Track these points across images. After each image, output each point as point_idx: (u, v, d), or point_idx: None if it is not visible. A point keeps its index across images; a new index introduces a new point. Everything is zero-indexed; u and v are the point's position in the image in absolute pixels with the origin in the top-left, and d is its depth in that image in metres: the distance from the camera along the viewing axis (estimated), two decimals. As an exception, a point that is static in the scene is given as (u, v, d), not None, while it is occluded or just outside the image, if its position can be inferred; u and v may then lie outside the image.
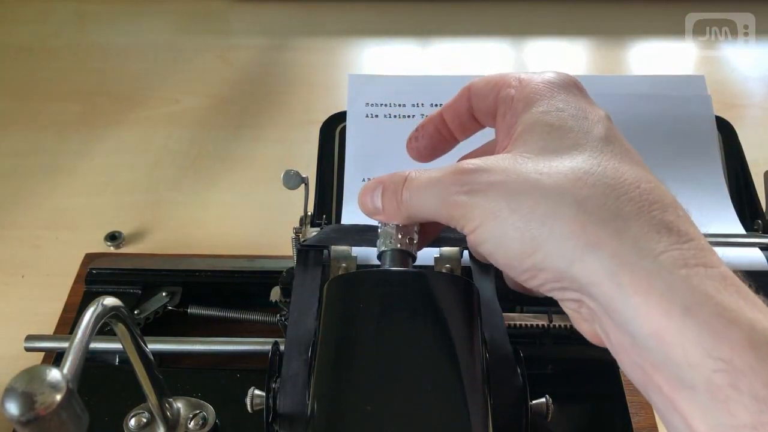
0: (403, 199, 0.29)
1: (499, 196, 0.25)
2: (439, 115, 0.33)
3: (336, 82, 0.80)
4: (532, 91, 0.29)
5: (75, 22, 0.91)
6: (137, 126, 0.74)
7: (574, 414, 0.42)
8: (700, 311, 0.21)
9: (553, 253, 0.24)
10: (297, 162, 0.66)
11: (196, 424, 0.40)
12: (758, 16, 0.86)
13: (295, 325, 0.34)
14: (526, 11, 0.92)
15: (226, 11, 0.94)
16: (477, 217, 0.26)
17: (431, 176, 0.28)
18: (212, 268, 0.51)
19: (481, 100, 0.31)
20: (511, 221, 0.25)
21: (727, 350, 0.20)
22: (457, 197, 0.26)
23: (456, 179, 0.26)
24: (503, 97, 0.30)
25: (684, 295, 0.21)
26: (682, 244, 0.23)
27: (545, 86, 0.29)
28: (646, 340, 0.22)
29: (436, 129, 0.33)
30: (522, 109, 0.28)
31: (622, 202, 0.24)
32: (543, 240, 0.24)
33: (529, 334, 0.41)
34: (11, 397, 0.22)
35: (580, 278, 0.23)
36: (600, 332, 0.25)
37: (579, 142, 0.26)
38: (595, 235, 0.23)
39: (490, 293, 0.36)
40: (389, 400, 0.26)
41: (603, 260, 0.23)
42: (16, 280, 0.57)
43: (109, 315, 0.29)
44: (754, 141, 0.61)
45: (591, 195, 0.24)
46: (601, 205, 0.24)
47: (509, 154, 0.27)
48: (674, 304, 0.21)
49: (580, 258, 0.23)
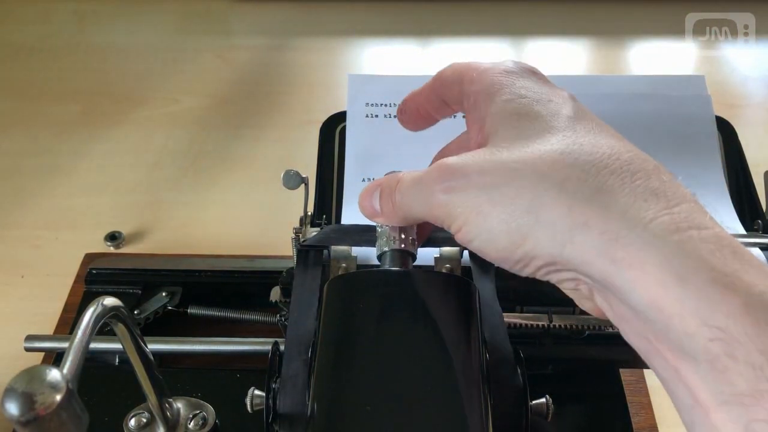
0: (396, 201, 0.29)
1: (479, 191, 0.25)
2: (419, 95, 0.33)
3: (336, 82, 0.80)
4: (492, 82, 0.28)
5: (75, 22, 0.91)
6: (137, 126, 0.74)
7: (574, 414, 0.42)
8: (696, 278, 0.21)
9: (543, 240, 0.24)
10: (297, 162, 0.66)
11: (196, 424, 0.40)
12: (758, 16, 0.86)
13: (295, 325, 0.34)
14: (526, 11, 0.92)
15: (226, 11, 0.94)
16: (460, 216, 0.25)
17: (414, 177, 0.28)
18: (212, 268, 0.51)
19: (448, 90, 0.31)
20: (494, 215, 0.24)
21: (723, 318, 0.20)
22: (439, 197, 0.26)
23: (436, 178, 0.26)
24: (466, 91, 0.30)
25: (678, 263, 0.21)
26: (672, 208, 0.22)
27: (503, 76, 0.29)
28: (647, 312, 0.22)
29: (416, 108, 0.34)
30: (484, 101, 0.28)
31: (604, 176, 0.23)
32: (530, 228, 0.24)
33: (529, 334, 0.41)
34: (11, 397, 0.22)
35: (573, 260, 0.23)
36: (603, 306, 0.25)
37: (549, 125, 0.26)
38: (582, 214, 0.23)
39: (490, 293, 0.36)
40: (389, 400, 0.26)
41: (593, 238, 0.22)
42: (16, 280, 0.57)
43: (109, 315, 0.29)
44: (754, 141, 0.61)
45: (571, 175, 0.24)
46: (583, 182, 0.23)
47: (484, 148, 0.27)
48: (669, 274, 0.21)
49: (570, 240, 0.23)
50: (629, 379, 0.44)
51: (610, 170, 0.24)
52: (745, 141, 0.48)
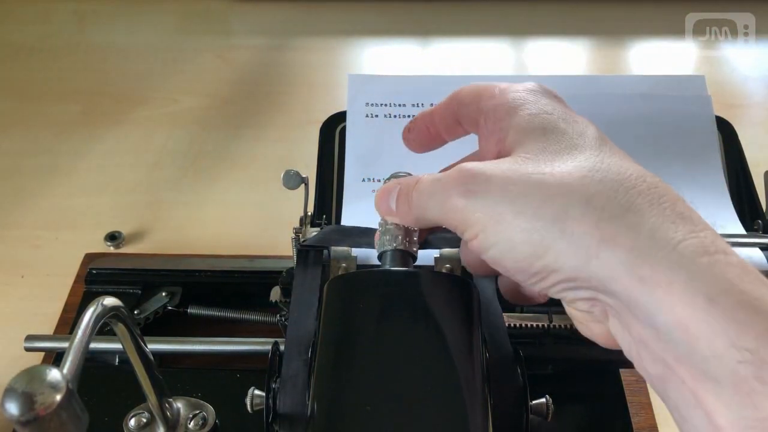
0: (412, 201, 0.29)
1: (501, 199, 0.25)
2: (430, 115, 0.33)
3: (336, 82, 0.80)
4: (515, 98, 0.28)
5: (75, 22, 0.91)
6: (137, 126, 0.74)
7: (574, 414, 0.42)
8: (725, 300, 0.21)
9: (566, 253, 0.23)
10: (297, 162, 0.66)
11: (196, 424, 0.40)
12: (758, 16, 0.86)
13: (295, 325, 0.34)
14: (526, 11, 0.92)
15: (226, 11, 0.94)
16: (478, 223, 0.25)
17: (434, 178, 0.28)
18: (212, 268, 0.51)
19: (465, 108, 0.31)
20: (516, 224, 0.24)
21: (752, 340, 0.20)
22: (456, 200, 0.26)
23: (455, 180, 0.26)
24: (484, 107, 0.29)
25: (707, 284, 0.21)
26: (698, 232, 0.22)
27: (526, 93, 0.29)
28: (671, 333, 0.21)
29: (426, 127, 0.33)
30: (504, 115, 0.28)
31: (632, 196, 0.23)
32: (553, 240, 0.23)
33: (529, 334, 0.41)
34: (11, 397, 0.22)
35: (597, 275, 0.23)
36: (616, 330, 0.25)
37: (576, 143, 0.26)
38: (610, 231, 0.23)
39: (490, 293, 0.36)
40: (389, 400, 0.26)
41: (621, 255, 0.22)
42: (16, 280, 0.57)
43: (109, 315, 0.29)
44: (754, 141, 0.61)
45: (599, 191, 0.24)
46: (611, 200, 0.23)
47: (508, 158, 0.26)
48: (698, 294, 0.21)
49: (596, 255, 0.23)
50: (629, 379, 0.44)
51: (638, 191, 0.24)
52: (745, 141, 0.48)
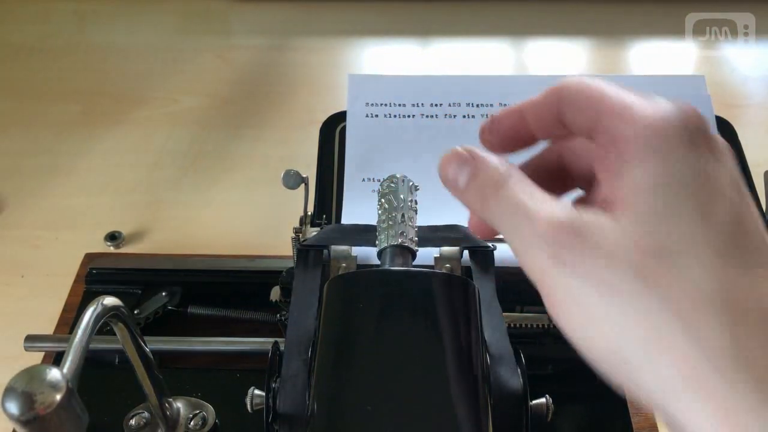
0: (488, 206, 0.24)
1: (592, 285, 0.21)
2: (519, 112, 0.27)
3: (336, 82, 0.80)
4: (647, 138, 0.22)
5: (75, 22, 0.91)
6: (137, 126, 0.74)
7: (574, 414, 0.42)
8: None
9: (646, 380, 0.21)
10: (297, 162, 0.66)
11: (196, 424, 0.40)
12: (758, 16, 0.86)
13: (295, 325, 0.34)
14: (526, 11, 0.92)
15: (226, 11, 0.94)
16: (557, 294, 0.22)
17: (524, 207, 0.23)
18: (212, 268, 0.51)
19: (575, 112, 0.25)
20: (597, 319, 0.21)
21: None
22: (540, 258, 0.22)
23: (547, 237, 0.22)
24: (607, 128, 0.23)
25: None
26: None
27: (663, 131, 0.22)
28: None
29: (513, 127, 0.27)
30: (633, 156, 0.22)
31: (752, 350, 0.19)
32: (635, 360, 0.21)
33: (529, 334, 0.41)
34: (11, 396, 0.22)
35: (673, 415, 0.20)
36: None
37: (697, 240, 0.21)
38: (708, 385, 0.19)
39: (490, 293, 0.36)
40: (389, 399, 0.26)
41: (707, 412, 0.19)
42: (16, 280, 0.57)
43: (109, 315, 0.29)
44: (754, 141, 0.61)
45: (713, 333, 0.19)
46: (724, 348, 0.19)
47: (618, 228, 0.21)
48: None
49: (677, 398, 0.20)
50: (629, 379, 0.44)
51: (760, 344, 0.19)
52: (745, 141, 0.48)
